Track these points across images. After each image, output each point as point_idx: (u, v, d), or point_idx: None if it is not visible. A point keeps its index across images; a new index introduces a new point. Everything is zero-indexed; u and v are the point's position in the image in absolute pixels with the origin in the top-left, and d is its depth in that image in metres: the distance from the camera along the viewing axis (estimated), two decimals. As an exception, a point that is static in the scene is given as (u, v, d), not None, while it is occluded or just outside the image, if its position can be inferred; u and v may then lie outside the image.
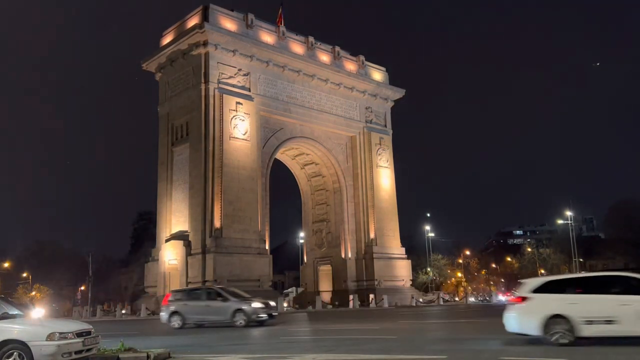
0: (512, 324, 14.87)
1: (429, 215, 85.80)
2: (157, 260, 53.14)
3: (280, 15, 60.53)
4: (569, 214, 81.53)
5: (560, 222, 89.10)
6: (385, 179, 65.59)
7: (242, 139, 52.67)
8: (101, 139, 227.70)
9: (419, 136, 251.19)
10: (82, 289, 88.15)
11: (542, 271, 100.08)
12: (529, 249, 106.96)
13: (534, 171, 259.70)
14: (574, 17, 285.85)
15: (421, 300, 61.80)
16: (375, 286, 59.43)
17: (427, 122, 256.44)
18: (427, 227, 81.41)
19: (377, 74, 68.52)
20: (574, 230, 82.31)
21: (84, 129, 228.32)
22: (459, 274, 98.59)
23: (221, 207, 49.98)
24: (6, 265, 77.60)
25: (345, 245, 61.86)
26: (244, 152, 52.58)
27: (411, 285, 66.11)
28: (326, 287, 62.96)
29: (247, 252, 50.54)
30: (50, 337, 11.47)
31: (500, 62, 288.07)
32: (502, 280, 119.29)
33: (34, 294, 78.00)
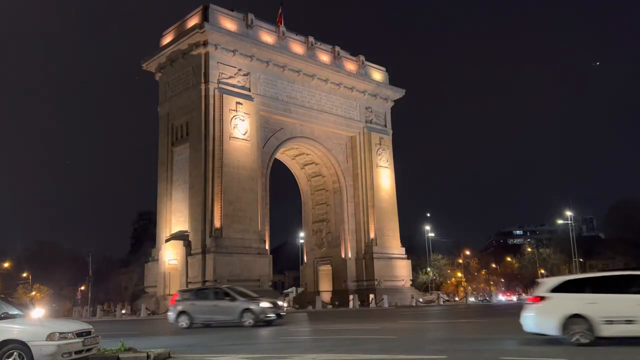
0: (529, 323, 14.62)
1: (429, 215, 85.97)
2: (157, 260, 53.14)
3: (280, 15, 60.52)
4: (569, 214, 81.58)
5: (560, 222, 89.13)
6: (385, 179, 65.58)
7: (242, 139, 52.67)
8: (101, 139, 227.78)
9: (419, 136, 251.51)
10: (82, 289, 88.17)
11: (542, 271, 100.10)
12: (529, 249, 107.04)
13: (534, 171, 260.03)
14: (574, 17, 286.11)
15: (421, 300, 61.77)
16: (375, 286, 59.42)
17: (427, 122, 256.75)
18: (427, 227, 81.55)
19: (377, 74, 68.51)
20: (574, 230, 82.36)
21: (84, 129, 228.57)
22: (459, 274, 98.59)
23: (221, 207, 49.98)
24: (6, 265, 77.59)
25: (345, 245, 61.85)
26: (244, 152, 52.57)
27: (411, 285, 66.12)
28: (326, 287, 62.95)
29: (247, 252, 50.53)
30: (50, 337, 11.46)
31: (500, 62, 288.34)
32: (502, 280, 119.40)
33: (34, 294, 77.97)
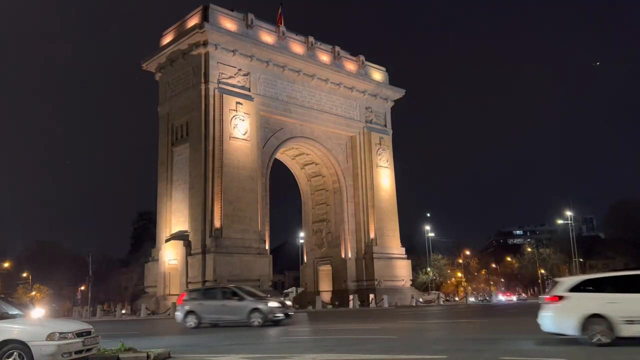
0: (547, 323, 14.40)
1: (429, 215, 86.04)
2: (157, 260, 53.12)
3: (280, 15, 60.49)
4: (569, 214, 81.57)
5: (560, 222, 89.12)
6: (385, 179, 65.57)
7: (242, 139, 52.65)
8: (101, 139, 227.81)
9: (419, 136, 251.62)
10: (82, 289, 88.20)
11: (542, 271, 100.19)
12: (529, 249, 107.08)
13: (534, 171, 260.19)
14: (574, 17, 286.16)
15: (421, 300, 61.77)
16: (375, 286, 59.41)
17: (427, 122, 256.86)
18: (427, 227, 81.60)
19: (377, 74, 68.49)
20: (574, 230, 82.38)
21: (84, 129, 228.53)
22: (459, 274, 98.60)
23: (221, 207, 49.96)
24: (6, 265, 77.57)
25: (345, 245, 61.83)
26: (244, 152, 52.56)
27: (411, 285, 66.12)
28: (326, 287, 62.94)
29: (247, 252, 50.52)
30: (50, 337, 11.45)
31: (500, 62, 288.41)
32: (502, 280, 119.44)
33: (34, 294, 77.97)
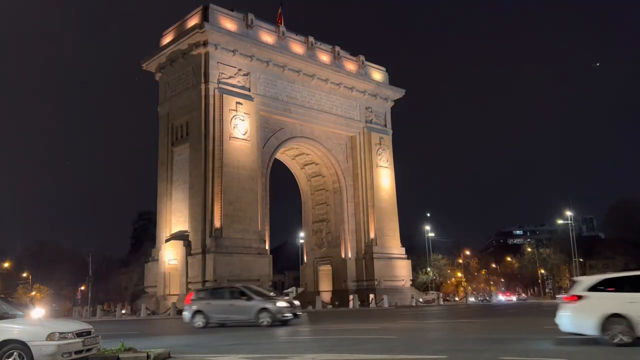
0: (566, 323, 14.27)
1: (429, 215, 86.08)
2: (157, 260, 53.12)
3: (280, 15, 60.49)
4: (569, 214, 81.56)
5: (560, 222, 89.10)
6: (385, 179, 65.56)
7: (242, 139, 52.65)
8: (101, 139, 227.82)
9: (419, 136, 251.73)
10: (82, 289, 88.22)
11: (542, 271, 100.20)
12: (529, 249, 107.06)
13: (534, 171, 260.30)
14: (574, 17, 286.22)
15: (421, 300, 61.78)
16: (375, 286, 59.41)
17: (427, 122, 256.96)
18: (427, 227, 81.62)
19: (377, 74, 68.48)
20: (574, 230, 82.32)
21: (84, 129, 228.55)
22: (459, 274, 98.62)
23: (221, 207, 49.96)
24: (6, 265, 77.59)
25: (345, 245, 61.83)
26: (244, 152, 52.55)
27: (411, 285, 66.12)
28: (326, 287, 62.95)
29: (247, 252, 50.53)
30: (50, 337, 11.44)
31: (500, 62, 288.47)
32: (502, 280, 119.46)
33: (34, 294, 78.00)
